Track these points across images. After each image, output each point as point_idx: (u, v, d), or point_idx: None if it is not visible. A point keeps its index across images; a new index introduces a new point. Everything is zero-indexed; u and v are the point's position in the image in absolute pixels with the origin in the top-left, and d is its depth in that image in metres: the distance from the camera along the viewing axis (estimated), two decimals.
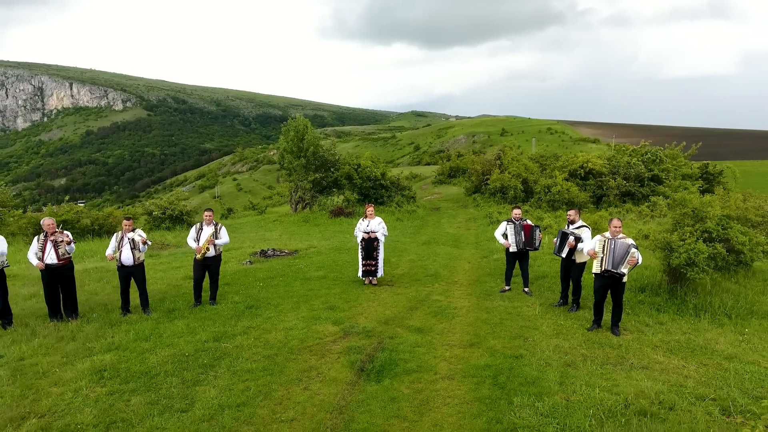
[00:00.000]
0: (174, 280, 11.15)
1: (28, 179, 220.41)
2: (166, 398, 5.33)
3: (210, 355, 6.50)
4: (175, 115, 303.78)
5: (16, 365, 6.20)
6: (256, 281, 10.81)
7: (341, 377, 5.89)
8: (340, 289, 10.09)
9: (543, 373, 5.93)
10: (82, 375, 5.90)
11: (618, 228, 7.65)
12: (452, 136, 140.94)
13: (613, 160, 28.33)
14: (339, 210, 22.29)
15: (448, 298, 9.52)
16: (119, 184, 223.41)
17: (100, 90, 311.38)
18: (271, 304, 9.00)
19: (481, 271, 11.97)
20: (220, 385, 5.63)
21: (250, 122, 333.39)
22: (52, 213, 18.01)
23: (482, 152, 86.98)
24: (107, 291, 10.24)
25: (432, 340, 7.19)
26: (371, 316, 8.26)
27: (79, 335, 7.29)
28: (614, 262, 7.38)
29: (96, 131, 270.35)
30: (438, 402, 5.30)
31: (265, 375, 5.92)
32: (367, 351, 6.68)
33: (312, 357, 6.52)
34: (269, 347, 6.82)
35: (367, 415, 4.99)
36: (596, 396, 5.28)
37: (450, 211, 25.75)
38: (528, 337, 7.25)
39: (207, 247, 8.84)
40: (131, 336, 7.20)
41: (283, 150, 24.31)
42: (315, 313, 8.39)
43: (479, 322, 7.99)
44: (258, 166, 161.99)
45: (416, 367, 6.17)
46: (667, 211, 10.51)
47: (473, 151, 78.49)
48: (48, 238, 7.87)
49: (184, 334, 7.33)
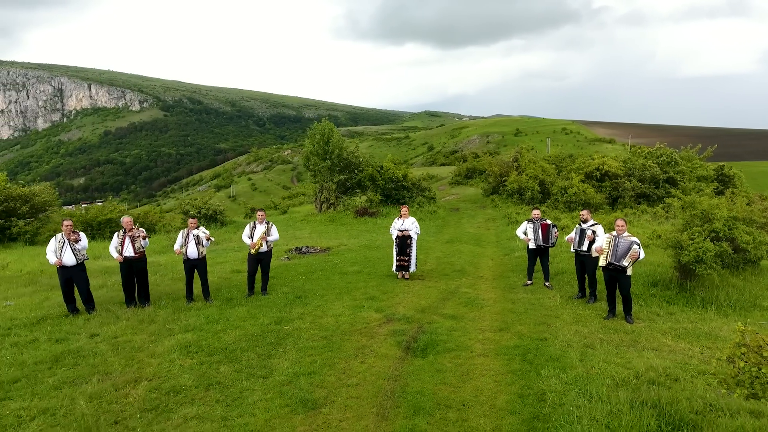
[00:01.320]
0: (223, 273, 12.24)
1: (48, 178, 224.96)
2: (247, 368, 6.37)
3: (275, 335, 7.54)
4: (190, 116, 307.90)
5: (113, 342, 7.29)
6: (298, 275, 11.87)
7: (391, 354, 6.89)
8: (376, 282, 11.10)
9: (565, 352, 6.86)
10: (171, 349, 6.97)
11: (622, 227, 8.54)
12: (466, 137, 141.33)
13: (628, 162, 28.96)
14: (363, 210, 23.33)
15: (475, 290, 10.48)
16: (136, 183, 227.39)
17: (117, 91, 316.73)
18: (316, 294, 10.03)
19: (504, 268, 12.89)
20: (290, 359, 6.66)
21: (265, 122, 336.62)
22: (99, 212, 19.29)
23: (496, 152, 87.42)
24: (166, 282, 11.36)
25: (465, 325, 8.15)
26: (408, 305, 9.25)
27: (157, 318, 8.38)
28: (617, 255, 8.30)
29: (114, 131, 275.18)
30: (477, 373, 6.26)
31: (326, 351, 6.94)
32: (409, 333, 7.67)
33: (363, 338, 7.52)
34: (324, 330, 7.84)
35: (418, 382, 5.97)
36: (612, 370, 6.19)
37: (469, 211, 26.65)
38: (550, 324, 8.18)
39: (260, 243, 9.91)
40: (202, 319, 8.28)
41: (308, 152, 25.42)
42: (357, 303, 9.40)
43: (506, 311, 8.94)
44: (272, 166, 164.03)
45: (454, 346, 7.14)
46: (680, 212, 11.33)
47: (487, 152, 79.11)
48: (126, 234, 8.98)
49: (247, 318, 8.39)
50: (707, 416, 4.89)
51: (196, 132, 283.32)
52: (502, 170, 30.03)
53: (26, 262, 14.55)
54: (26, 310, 8.99)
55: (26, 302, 9.72)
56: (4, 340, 7.40)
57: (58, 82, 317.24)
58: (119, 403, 5.40)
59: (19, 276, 12.46)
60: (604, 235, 9.30)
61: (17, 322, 8.21)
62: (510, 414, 5.18)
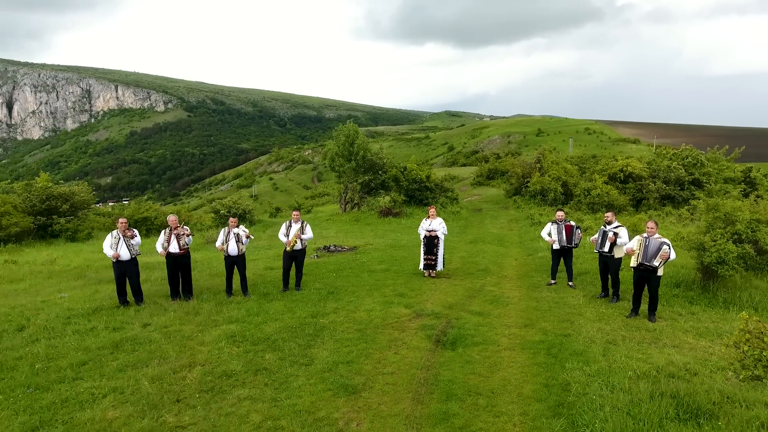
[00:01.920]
0: (257, 270, 12.84)
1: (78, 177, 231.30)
2: (290, 356, 6.88)
3: (312, 328, 8.05)
4: (213, 116, 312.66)
5: (164, 331, 7.89)
6: (329, 272, 12.40)
7: (422, 346, 7.33)
8: (403, 280, 11.55)
9: (588, 348, 7.21)
10: (218, 339, 7.53)
11: (652, 229, 8.82)
12: (487, 137, 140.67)
13: (653, 163, 28.84)
14: (387, 210, 23.82)
15: (500, 289, 10.85)
16: (161, 182, 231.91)
17: (143, 92, 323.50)
18: (347, 291, 10.53)
19: (528, 267, 13.21)
20: (328, 349, 7.16)
21: (286, 122, 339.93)
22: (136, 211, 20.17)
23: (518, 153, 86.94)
24: (204, 278, 12.00)
25: (491, 321, 8.54)
26: (436, 302, 9.67)
27: (201, 311, 8.97)
28: (647, 256, 8.58)
29: (139, 132, 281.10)
30: (504, 365, 6.66)
31: (361, 343, 7.41)
32: (438, 328, 8.10)
33: (394, 331, 7.98)
34: (358, 323, 8.32)
35: (449, 372, 6.40)
36: (633, 364, 6.52)
37: (492, 212, 26.90)
38: (574, 321, 8.52)
39: (295, 240, 10.45)
40: (244, 312, 8.84)
41: (333, 153, 26.00)
42: (387, 299, 9.87)
43: (530, 309, 9.30)
44: (293, 165, 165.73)
45: (482, 340, 7.55)
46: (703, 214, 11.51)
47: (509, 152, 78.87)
48: (172, 231, 9.61)
49: (285, 312, 8.92)
50: (724, 407, 5.22)
51: (218, 132, 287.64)
52: (525, 171, 30.19)
53: (71, 257, 15.40)
54: (81, 302, 9.68)
55: (79, 294, 10.44)
56: (66, 328, 8.07)
57: (87, 83, 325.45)
58: (178, 385, 5.96)
59: (68, 270, 13.25)
60: (627, 236, 9.62)
61: (75, 312, 8.89)
62: (536, 401, 5.58)
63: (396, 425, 5.06)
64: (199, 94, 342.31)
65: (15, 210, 19.38)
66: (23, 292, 10.93)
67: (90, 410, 5.32)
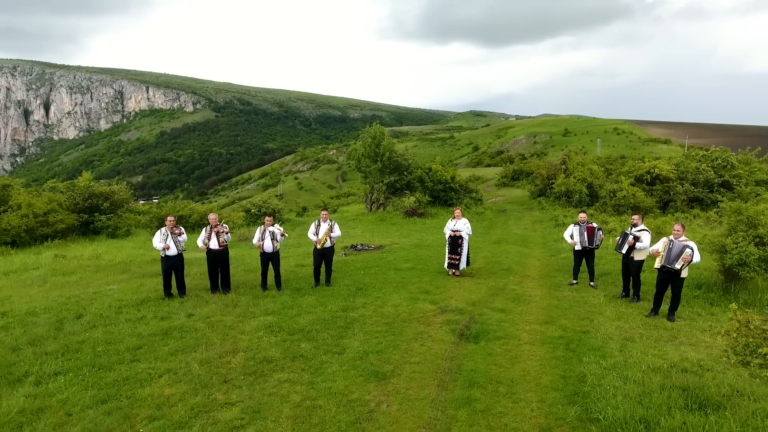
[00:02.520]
0: (289, 267, 13.46)
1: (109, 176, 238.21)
2: (324, 345, 7.44)
3: (343, 320, 8.59)
4: (240, 116, 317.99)
5: (207, 321, 8.55)
6: (357, 270, 12.95)
7: (446, 339, 7.79)
8: (429, 278, 12.02)
9: (606, 344, 7.55)
10: (257, 329, 8.14)
11: (678, 231, 9.06)
12: (512, 137, 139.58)
13: (681, 165, 28.55)
14: (412, 210, 24.29)
15: (522, 287, 11.22)
16: (189, 181, 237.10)
17: (173, 93, 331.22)
18: (375, 287, 11.05)
19: (550, 268, 13.51)
20: (359, 340, 7.68)
21: (311, 122, 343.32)
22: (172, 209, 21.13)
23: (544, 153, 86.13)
24: (240, 273, 12.69)
25: (513, 318, 8.94)
26: (460, 299, 10.11)
27: (240, 303, 9.61)
28: (670, 258, 8.84)
29: (169, 132, 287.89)
30: (524, 358, 7.08)
31: (389, 335, 7.92)
32: (462, 323, 8.54)
33: (420, 325, 8.46)
34: (385, 317, 8.83)
35: (471, 363, 6.85)
36: (648, 359, 6.85)
37: (516, 213, 27.09)
38: (593, 319, 8.85)
39: (325, 238, 11.03)
40: (279, 305, 9.45)
41: (360, 155, 26.60)
42: (413, 295, 10.35)
43: (551, 307, 9.66)
44: (318, 165, 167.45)
45: (503, 335, 7.96)
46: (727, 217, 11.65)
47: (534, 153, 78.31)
48: (213, 229, 10.30)
49: (317, 305, 9.50)
50: (733, 399, 5.55)
51: (245, 132, 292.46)
52: (550, 173, 30.23)
53: (114, 253, 16.35)
54: (128, 293, 10.45)
55: (126, 287, 11.23)
56: (119, 316, 8.81)
57: (119, 85, 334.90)
58: (224, 368, 6.58)
59: (113, 265, 14.14)
60: (648, 241, 9.88)
61: (125, 303, 9.65)
62: (553, 390, 5.99)
63: (422, 407, 5.55)
64: (227, 95, 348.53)
65: (60, 208, 20.55)
66: (75, 284, 11.79)
67: (149, 387, 5.96)
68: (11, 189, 21.28)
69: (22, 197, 20.10)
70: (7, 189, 21.00)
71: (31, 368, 6.45)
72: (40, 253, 16.58)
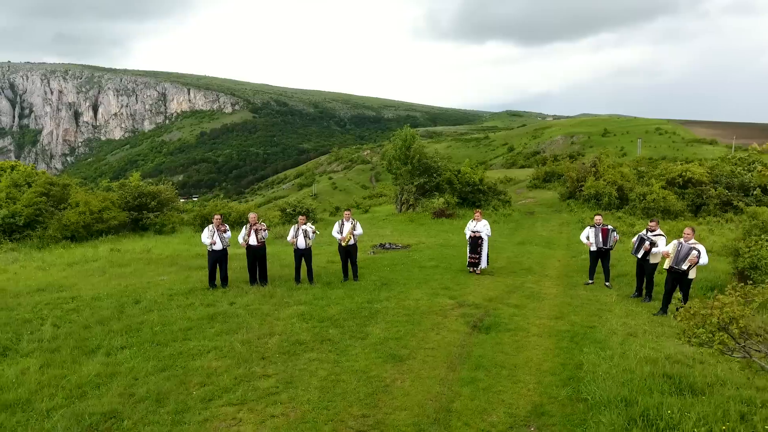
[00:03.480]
0: (320, 263, 14.45)
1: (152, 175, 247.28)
2: (349, 332, 8.33)
3: (368, 311, 9.47)
4: (276, 117, 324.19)
5: (247, 308, 9.59)
6: (383, 267, 13.82)
7: (460, 329, 8.56)
8: (450, 275, 12.77)
9: (608, 338, 8.15)
10: (291, 316, 9.12)
11: (688, 234, 9.56)
12: (549, 137, 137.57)
13: (715, 168, 28.18)
14: (441, 211, 25.00)
15: (539, 286, 11.84)
16: (227, 181, 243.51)
17: (212, 94, 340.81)
18: (399, 282, 11.90)
19: (569, 268, 14.03)
20: (380, 328, 8.54)
21: (345, 123, 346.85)
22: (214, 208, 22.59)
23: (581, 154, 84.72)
24: (276, 268, 13.73)
25: (526, 313, 9.62)
26: (478, 295, 10.84)
27: (275, 294, 10.63)
28: (677, 260, 9.35)
29: (208, 132, 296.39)
30: (529, 347, 7.77)
31: (408, 324, 8.74)
32: (477, 316, 9.28)
33: (437, 317, 9.25)
34: (406, 309, 9.66)
35: (480, 349, 7.60)
36: (645, 352, 7.41)
37: (544, 215, 27.40)
38: (602, 316, 9.43)
39: (349, 236, 11.94)
40: (310, 297, 10.42)
41: (391, 157, 27.50)
42: (434, 291, 11.14)
43: (564, 304, 10.27)
44: (352, 165, 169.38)
45: (514, 327, 8.66)
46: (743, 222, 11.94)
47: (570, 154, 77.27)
48: (252, 227, 11.37)
49: (345, 297, 10.41)
50: (715, 387, 6.13)
51: (281, 133, 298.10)
52: (579, 175, 30.32)
53: (163, 248, 17.77)
54: (178, 284, 11.65)
55: (175, 278, 12.46)
56: (171, 302, 9.96)
57: (162, 87, 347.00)
58: (262, 347, 7.56)
59: (162, 258, 15.49)
60: (664, 245, 10.35)
61: (175, 291, 10.82)
62: (551, 374, 6.69)
63: (431, 384, 6.36)
64: (264, 96, 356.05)
65: (113, 205, 22.26)
66: (130, 274, 13.12)
67: (199, 360, 7.00)
68: (70, 188, 23.19)
69: (80, 196, 21.91)
70: (67, 188, 22.91)
71: (101, 342, 7.61)
72: (96, 247, 18.17)
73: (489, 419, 5.50)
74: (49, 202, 21.30)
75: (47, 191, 21.56)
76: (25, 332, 8.08)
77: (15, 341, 7.68)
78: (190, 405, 5.67)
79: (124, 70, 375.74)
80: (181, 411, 5.53)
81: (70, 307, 9.62)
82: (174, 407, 5.59)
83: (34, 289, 11.20)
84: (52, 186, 22.19)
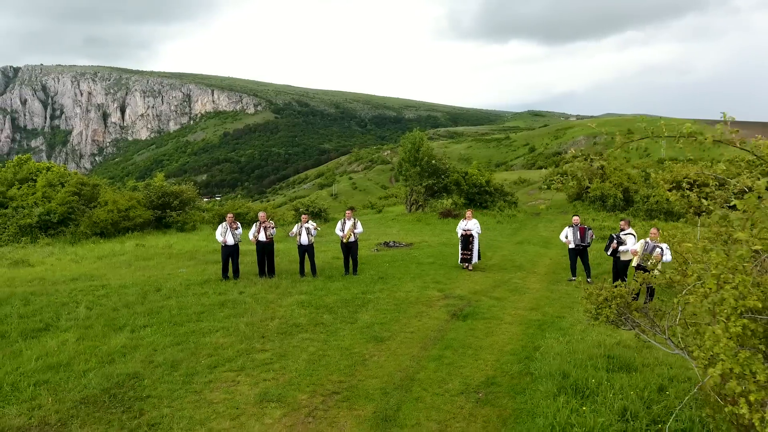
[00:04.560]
0: (326, 259, 15.62)
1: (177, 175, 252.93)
2: (341, 317, 9.43)
3: (361, 300, 10.56)
4: (298, 118, 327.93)
5: (254, 297, 10.78)
6: (384, 263, 14.90)
7: (441, 317, 9.58)
8: (444, 271, 13.78)
9: (572, 326, 9.07)
10: (292, 304, 10.27)
11: (654, 235, 10.41)
12: (571, 138, 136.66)
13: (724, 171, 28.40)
14: (447, 212, 25.96)
15: (524, 282, 12.76)
16: (249, 180, 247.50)
17: (235, 95, 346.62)
18: (395, 277, 12.96)
19: (559, 266, 14.88)
20: (370, 314, 9.62)
21: (366, 123, 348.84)
22: (231, 207, 23.96)
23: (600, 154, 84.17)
24: (284, 263, 14.95)
25: (505, 304, 10.58)
26: (464, 288, 11.83)
27: (280, 285, 11.81)
28: (642, 258, 10.20)
29: (231, 132, 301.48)
30: (498, 333, 8.75)
31: (395, 312, 9.80)
32: (458, 306, 10.29)
33: (423, 306, 10.29)
34: (396, 299, 10.72)
35: (454, 333, 8.62)
36: (602, 339, 8.33)
37: (549, 216, 28.10)
38: (574, 308, 10.31)
39: (350, 233, 13.04)
40: (312, 288, 11.57)
41: (401, 159, 28.54)
42: (425, 284, 12.17)
43: (542, 297, 11.19)
44: (372, 166, 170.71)
45: (489, 316, 9.65)
46: None
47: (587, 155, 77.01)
48: (261, 224, 12.57)
49: (342, 289, 11.53)
50: (651, 367, 7.03)
51: (303, 133, 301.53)
52: (587, 176, 30.86)
53: (183, 244, 19.19)
54: (194, 275, 12.93)
55: (192, 270, 13.76)
56: (187, 291, 11.22)
57: (187, 88, 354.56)
58: (263, 328, 8.71)
59: (182, 253, 16.86)
60: (632, 242, 11.21)
61: (191, 282, 12.09)
62: (509, 354, 7.67)
63: (403, 360, 7.41)
64: (286, 97, 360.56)
65: (139, 204, 23.83)
66: (153, 267, 14.48)
67: (208, 337, 8.18)
68: (100, 188, 24.88)
69: (108, 195, 23.54)
70: (97, 188, 24.59)
71: (127, 322, 8.87)
72: (123, 242, 19.69)
73: (445, 387, 6.53)
74: (81, 201, 22.97)
75: (79, 191, 23.25)
76: (63, 313, 9.41)
77: (55, 319, 9.00)
78: (198, 370, 6.85)
79: (151, 71, 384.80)
80: (191, 374, 6.71)
81: (100, 294, 10.96)
82: (185, 371, 6.78)
83: (69, 278, 12.61)
84: (83, 186, 23.88)
